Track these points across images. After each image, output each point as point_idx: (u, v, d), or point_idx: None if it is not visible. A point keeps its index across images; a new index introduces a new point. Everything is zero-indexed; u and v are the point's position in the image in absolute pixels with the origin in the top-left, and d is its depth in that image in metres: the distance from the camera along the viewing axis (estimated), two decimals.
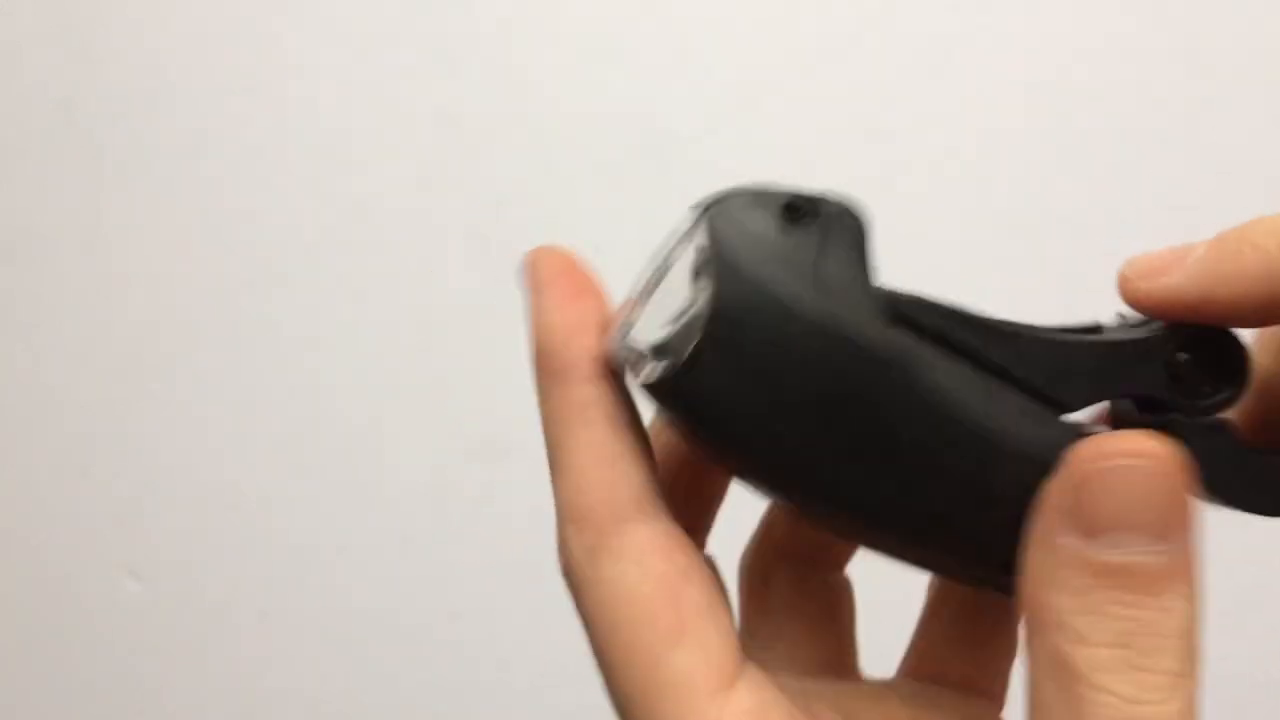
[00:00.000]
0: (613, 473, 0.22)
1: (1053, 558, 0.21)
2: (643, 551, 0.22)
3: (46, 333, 0.72)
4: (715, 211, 0.22)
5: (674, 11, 0.62)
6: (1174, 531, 0.20)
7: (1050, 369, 0.22)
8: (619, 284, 0.27)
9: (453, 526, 0.68)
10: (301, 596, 0.71)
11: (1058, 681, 0.20)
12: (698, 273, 0.22)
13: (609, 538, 0.22)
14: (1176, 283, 0.23)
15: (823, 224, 0.22)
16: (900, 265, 0.66)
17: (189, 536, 0.71)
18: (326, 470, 0.69)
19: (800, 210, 0.22)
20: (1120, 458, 0.21)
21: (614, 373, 0.23)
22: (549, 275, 0.26)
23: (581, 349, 0.24)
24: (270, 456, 0.70)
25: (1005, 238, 0.60)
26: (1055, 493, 0.21)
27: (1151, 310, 0.23)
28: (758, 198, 0.22)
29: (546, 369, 0.24)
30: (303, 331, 0.69)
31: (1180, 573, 0.20)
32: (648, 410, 0.23)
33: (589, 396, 0.23)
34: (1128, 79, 0.57)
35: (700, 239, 0.22)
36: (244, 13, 0.67)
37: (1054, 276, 0.59)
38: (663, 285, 0.23)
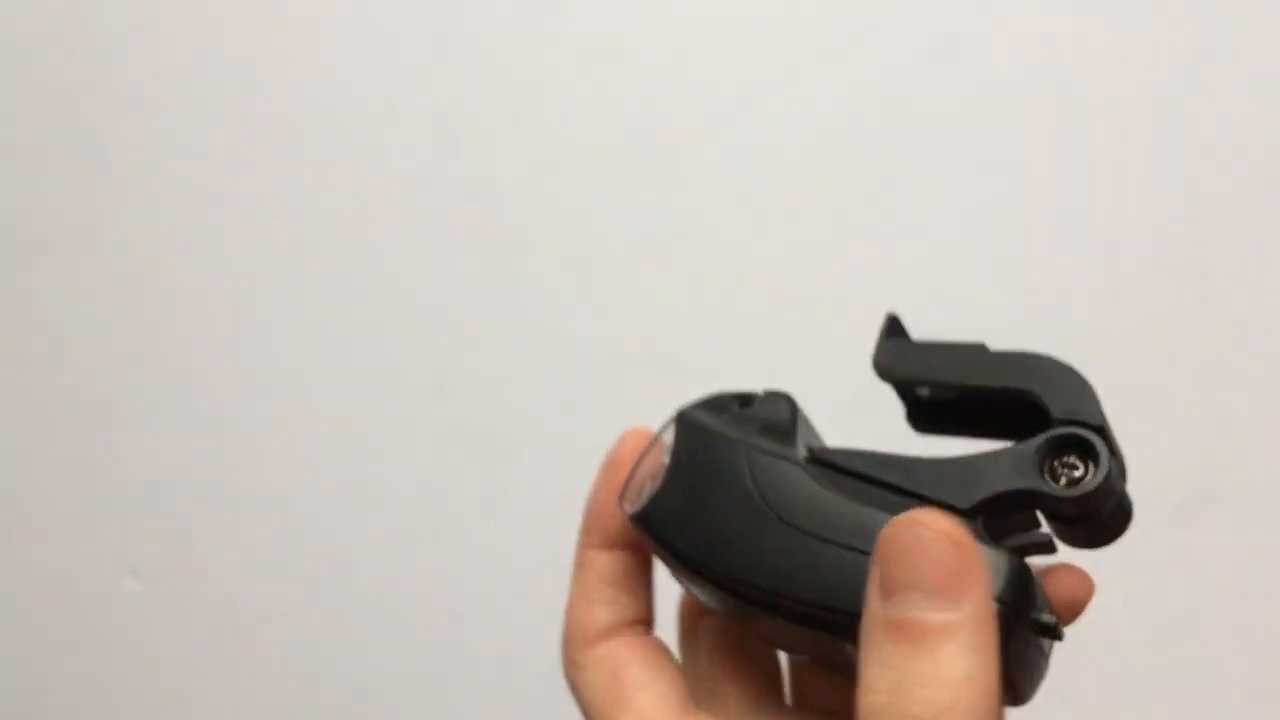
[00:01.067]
0: (588, 610, 0.31)
1: (864, 618, 0.24)
2: (599, 661, 0.30)
3: (46, 332, 0.72)
4: (682, 409, 0.30)
5: (674, 12, 0.62)
6: (953, 592, 0.23)
7: (938, 479, 0.27)
8: (618, 283, 0.28)
9: (453, 526, 0.68)
10: (301, 596, 0.71)
11: None
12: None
13: (578, 654, 0.31)
14: None
15: (760, 400, 0.29)
16: (901, 265, 0.66)
17: (189, 536, 0.71)
18: (326, 470, 0.69)
19: (739, 398, 0.30)
20: (908, 527, 0.24)
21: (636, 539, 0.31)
22: (618, 457, 0.32)
23: (600, 525, 0.32)
24: (270, 456, 0.70)
25: (1005, 238, 0.60)
26: (874, 562, 0.25)
27: None
28: (711, 398, 0.30)
29: (581, 528, 0.32)
30: (303, 331, 0.69)
31: (959, 630, 0.23)
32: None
33: (590, 557, 0.32)
34: (1128, 79, 0.58)
35: (671, 429, 0.30)
36: (244, 12, 0.67)
37: (1054, 276, 0.59)
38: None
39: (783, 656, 0.32)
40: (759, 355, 0.62)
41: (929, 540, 0.24)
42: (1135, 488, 0.27)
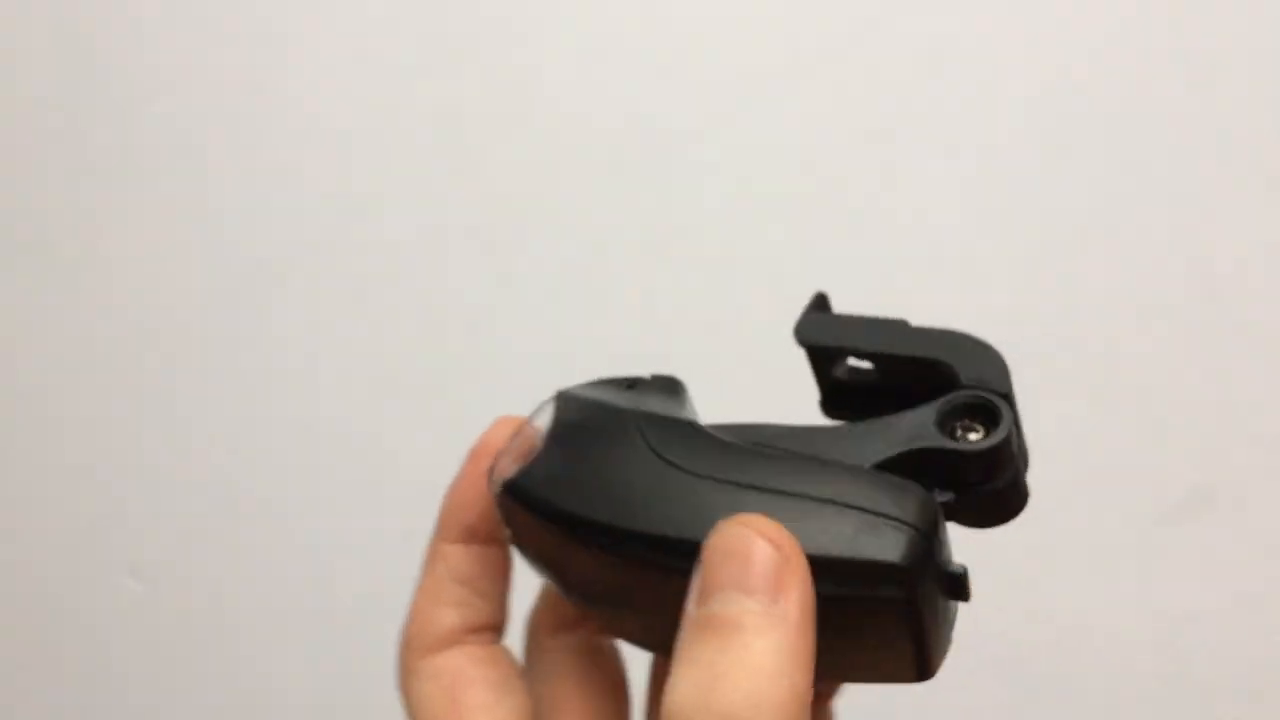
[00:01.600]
0: (434, 611, 0.29)
1: (680, 627, 0.24)
2: (438, 672, 0.29)
3: (48, 332, 0.72)
4: (561, 389, 0.29)
5: (674, 11, 0.62)
6: (771, 590, 0.23)
7: (837, 443, 0.26)
8: (619, 282, 0.28)
9: None
10: (304, 597, 0.71)
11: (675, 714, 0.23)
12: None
13: (417, 660, 0.29)
14: None
15: (646, 382, 0.29)
16: (901, 264, 0.66)
17: (191, 537, 0.71)
18: (328, 471, 0.69)
19: (625, 380, 0.29)
20: (730, 528, 0.24)
21: (499, 535, 0.30)
22: (485, 443, 0.31)
23: (459, 517, 0.30)
24: (272, 457, 0.70)
25: (1005, 237, 0.60)
26: (696, 571, 0.24)
27: None
28: (594, 381, 0.29)
29: (438, 520, 0.31)
30: (304, 331, 0.69)
31: (774, 627, 0.23)
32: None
33: (443, 551, 0.30)
34: (1129, 79, 0.58)
35: (549, 406, 0.29)
36: (244, 12, 0.67)
37: (1053, 276, 0.59)
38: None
39: (636, 682, 0.31)
40: (760, 354, 0.62)
41: (749, 539, 0.23)
42: (1136, 487, 0.27)
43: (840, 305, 0.30)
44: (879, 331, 0.28)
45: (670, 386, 0.28)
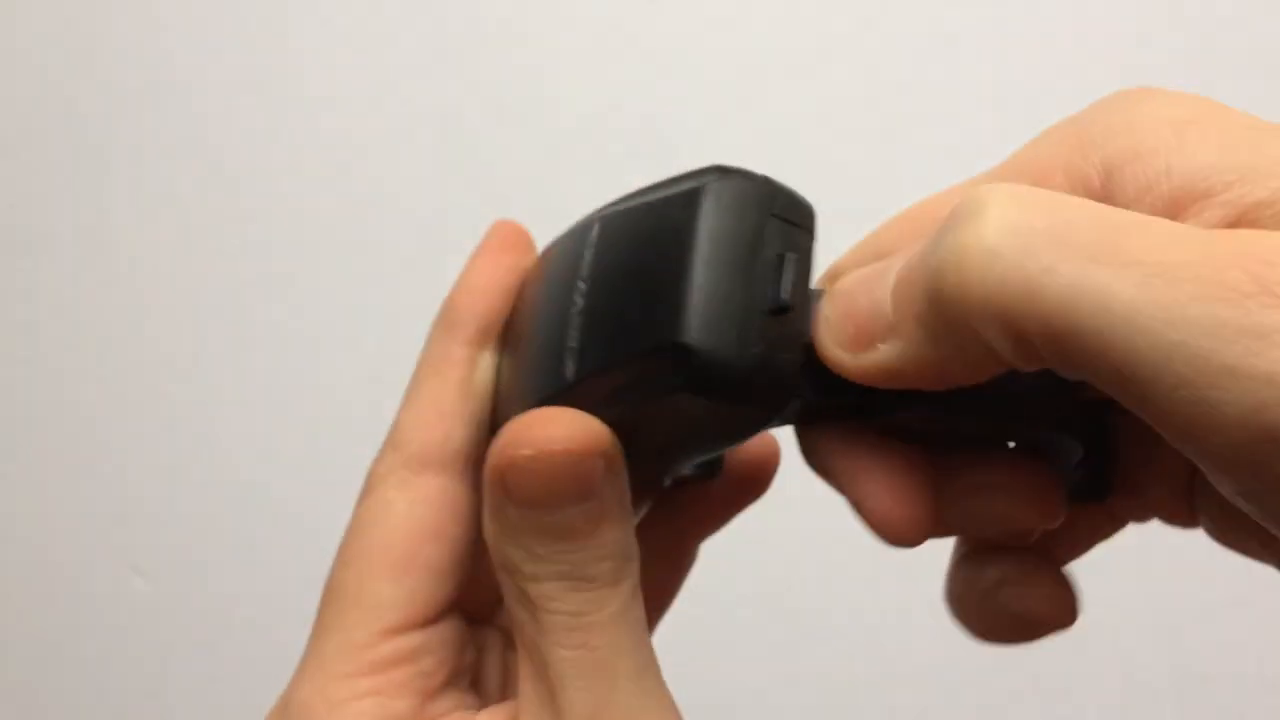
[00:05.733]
0: (442, 425, 0.26)
1: (506, 523, 0.23)
2: (425, 496, 0.26)
3: (51, 331, 0.72)
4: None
5: (675, 11, 0.62)
6: (591, 488, 0.23)
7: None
8: None
9: None
10: (309, 595, 0.71)
11: (525, 609, 0.23)
12: None
13: (407, 472, 0.26)
14: (891, 361, 0.21)
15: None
16: None
17: (196, 535, 0.71)
18: (333, 468, 0.69)
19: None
20: (528, 446, 0.23)
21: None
22: (494, 242, 0.29)
23: (478, 314, 0.27)
24: (277, 455, 0.70)
25: None
26: (492, 471, 0.23)
27: (864, 382, 0.22)
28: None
29: (443, 319, 0.27)
30: (308, 329, 0.69)
31: (605, 513, 0.23)
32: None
33: (457, 355, 0.26)
34: (1130, 79, 0.58)
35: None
36: (245, 11, 0.67)
37: None
38: None
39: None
40: None
41: (553, 456, 0.23)
42: None
43: None
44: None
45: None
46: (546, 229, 0.30)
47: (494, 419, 0.27)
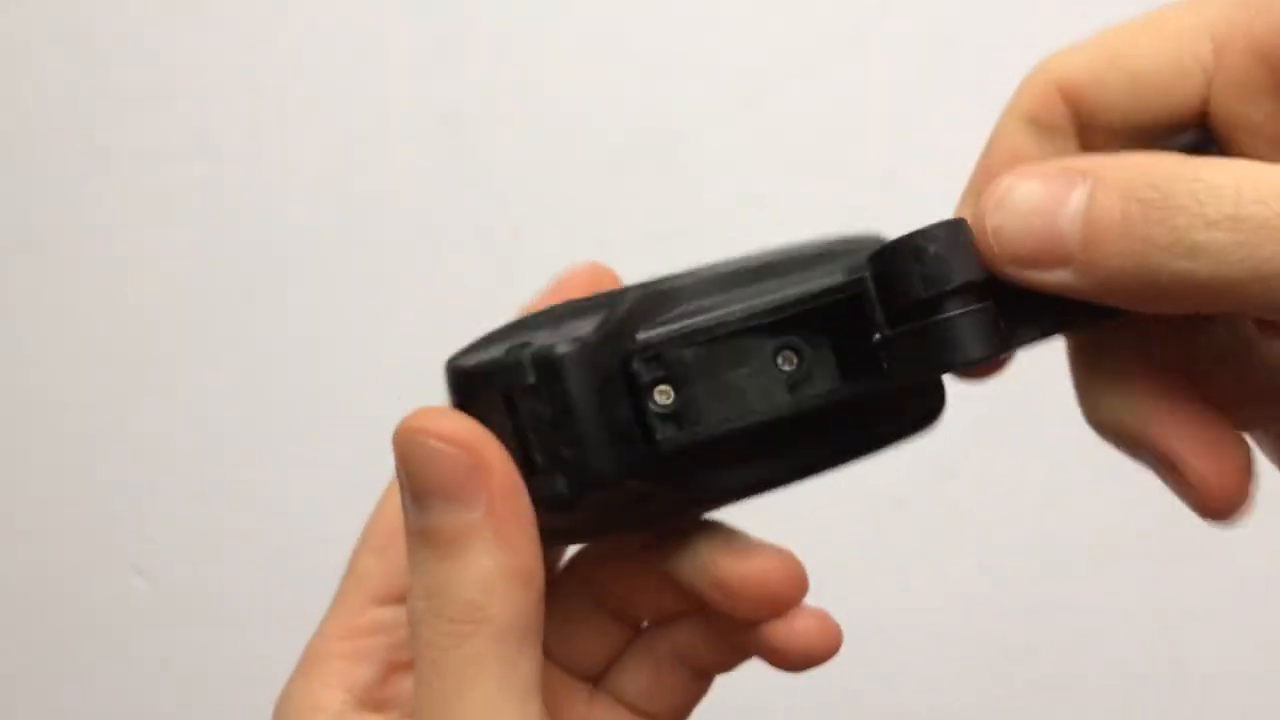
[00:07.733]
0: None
1: (404, 518, 0.24)
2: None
3: (51, 331, 0.72)
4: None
5: (675, 11, 0.62)
6: (467, 496, 0.23)
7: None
8: (619, 281, 0.28)
9: None
10: (310, 595, 0.71)
11: (410, 626, 0.24)
12: None
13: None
14: (1078, 283, 0.22)
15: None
16: None
17: (196, 535, 0.71)
18: (334, 468, 0.69)
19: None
20: (415, 435, 0.24)
21: None
22: (564, 286, 0.30)
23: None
24: (278, 455, 0.70)
25: None
26: (396, 462, 0.24)
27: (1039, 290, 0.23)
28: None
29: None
30: (308, 330, 0.69)
31: (477, 532, 0.23)
32: None
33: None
34: None
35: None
36: (246, 12, 0.67)
37: None
38: None
39: None
40: None
41: (433, 447, 0.24)
42: (1136, 487, 0.27)
43: None
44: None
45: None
46: (546, 229, 0.30)
47: None
